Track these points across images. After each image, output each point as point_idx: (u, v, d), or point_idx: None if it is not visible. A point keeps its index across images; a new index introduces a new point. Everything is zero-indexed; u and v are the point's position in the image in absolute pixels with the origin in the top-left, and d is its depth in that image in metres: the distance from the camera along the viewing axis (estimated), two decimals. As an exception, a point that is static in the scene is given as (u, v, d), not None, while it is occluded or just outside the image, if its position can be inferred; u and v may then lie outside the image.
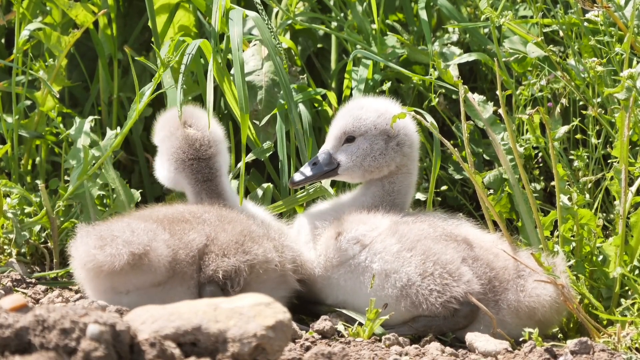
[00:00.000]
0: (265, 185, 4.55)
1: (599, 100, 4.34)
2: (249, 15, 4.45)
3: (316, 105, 4.77)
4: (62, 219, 4.54)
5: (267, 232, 3.98)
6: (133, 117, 4.32)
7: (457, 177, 4.76)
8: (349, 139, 4.11)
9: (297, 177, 4.13)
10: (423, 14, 4.76)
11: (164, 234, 3.84)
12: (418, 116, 4.09)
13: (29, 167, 4.95)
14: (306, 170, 4.13)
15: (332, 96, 4.78)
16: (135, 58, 4.48)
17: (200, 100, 4.87)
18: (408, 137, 4.12)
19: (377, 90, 4.78)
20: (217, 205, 4.05)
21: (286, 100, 4.45)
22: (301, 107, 4.58)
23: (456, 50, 4.86)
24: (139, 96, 4.30)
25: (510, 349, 3.83)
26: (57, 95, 4.70)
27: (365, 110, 4.11)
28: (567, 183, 4.21)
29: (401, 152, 4.11)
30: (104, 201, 4.58)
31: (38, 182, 4.65)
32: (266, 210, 4.26)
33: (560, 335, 4.08)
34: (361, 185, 4.19)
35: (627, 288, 4.04)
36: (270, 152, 4.56)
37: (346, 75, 4.79)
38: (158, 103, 4.89)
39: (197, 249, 3.86)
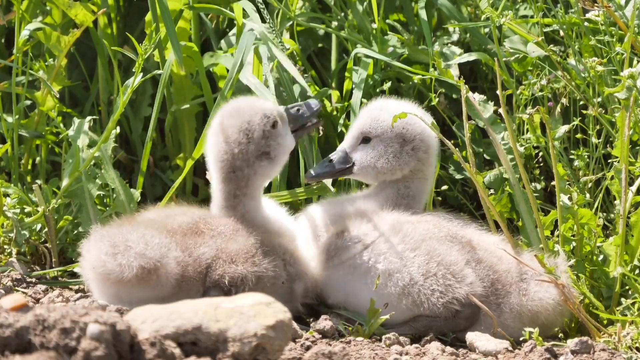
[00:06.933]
0: None
1: (599, 99, 4.34)
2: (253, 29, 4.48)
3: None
4: (56, 217, 4.53)
5: (281, 250, 3.96)
6: (118, 111, 4.33)
7: (458, 176, 4.76)
8: (366, 139, 4.11)
9: (314, 172, 4.15)
10: (423, 14, 4.75)
11: (176, 250, 3.81)
12: (420, 115, 4.09)
13: (29, 167, 4.94)
14: (322, 166, 4.14)
15: (335, 94, 4.78)
16: (113, 48, 4.48)
17: (202, 103, 4.87)
18: (424, 142, 4.11)
19: (378, 90, 4.78)
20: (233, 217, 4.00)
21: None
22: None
23: (456, 49, 4.85)
24: (123, 89, 4.31)
25: (510, 348, 3.82)
26: (57, 95, 4.70)
27: (384, 112, 4.10)
28: (568, 182, 4.20)
29: (416, 156, 4.10)
30: (104, 201, 4.58)
31: (38, 181, 4.64)
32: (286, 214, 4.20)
33: (560, 334, 4.08)
34: (375, 186, 4.18)
35: (627, 287, 4.04)
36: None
37: (347, 75, 4.79)
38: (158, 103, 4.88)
39: (206, 263, 3.84)
